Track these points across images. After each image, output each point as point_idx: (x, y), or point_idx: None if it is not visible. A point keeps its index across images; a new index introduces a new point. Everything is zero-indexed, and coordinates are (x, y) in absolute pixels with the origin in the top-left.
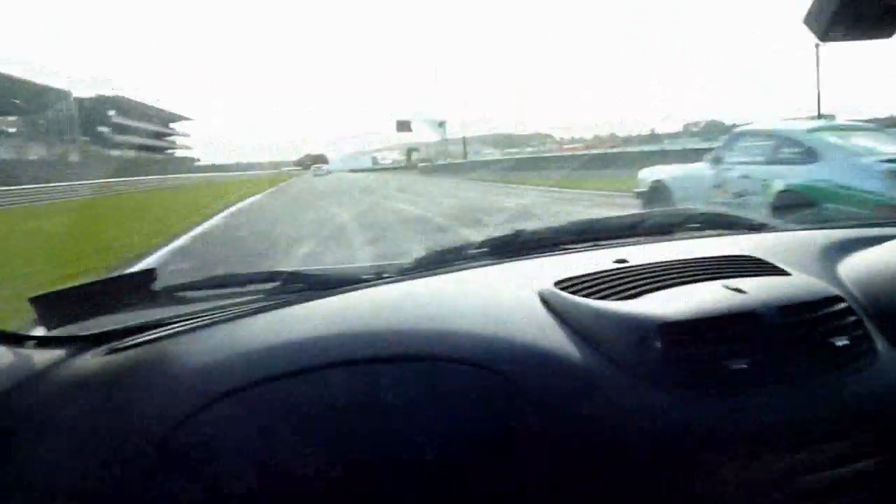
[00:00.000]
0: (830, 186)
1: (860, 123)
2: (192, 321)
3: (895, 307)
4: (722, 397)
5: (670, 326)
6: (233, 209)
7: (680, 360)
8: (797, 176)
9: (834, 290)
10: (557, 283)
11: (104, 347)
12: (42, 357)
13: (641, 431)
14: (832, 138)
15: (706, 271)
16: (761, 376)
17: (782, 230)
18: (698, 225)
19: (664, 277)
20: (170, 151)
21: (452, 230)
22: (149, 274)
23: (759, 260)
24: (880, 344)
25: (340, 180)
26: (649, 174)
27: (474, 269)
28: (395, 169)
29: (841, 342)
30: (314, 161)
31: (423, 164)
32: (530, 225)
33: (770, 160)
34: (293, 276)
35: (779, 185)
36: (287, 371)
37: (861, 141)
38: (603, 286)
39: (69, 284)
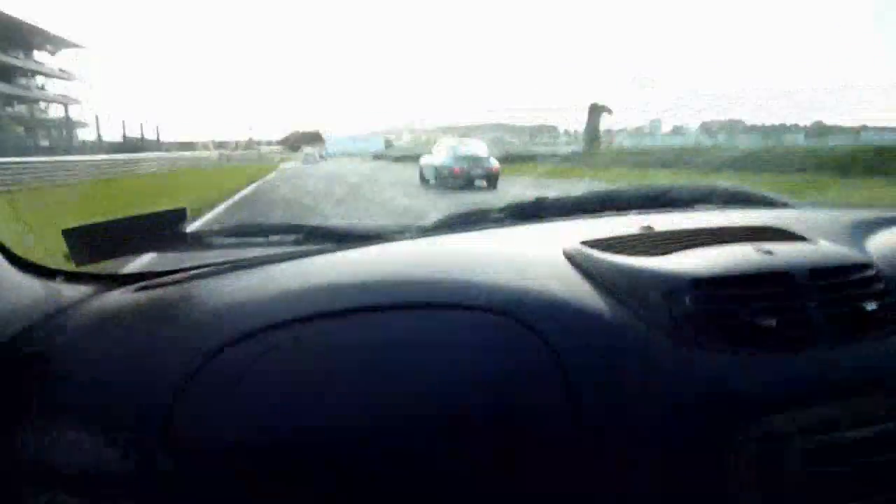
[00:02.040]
0: (443, 164)
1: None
2: (219, 265)
3: None
4: (750, 355)
5: (700, 281)
6: None
7: (709, 316)
8: (438, 160)
9: (862, 257)
10: (584, 243)
11: (133, 286)
12: (71, 292)
13: (668, 386)
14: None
15: (734, 237)
16: (790, 336)
17: (803, 207)
18: (721, 199)
19: (692, 240)
20: (27, 106)
21: None
22: (178, 214)
23: (785, 230)
24: None
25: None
26: (421, 160)
27: (497, 229)
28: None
29: (870, 307)
30: (305, 141)
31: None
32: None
33: (434, 154)
34: (316, 230)
35: (434, 164)
36: (309, 314)
37: (459, 146)
38: (630, 247)
39: (101, 219)
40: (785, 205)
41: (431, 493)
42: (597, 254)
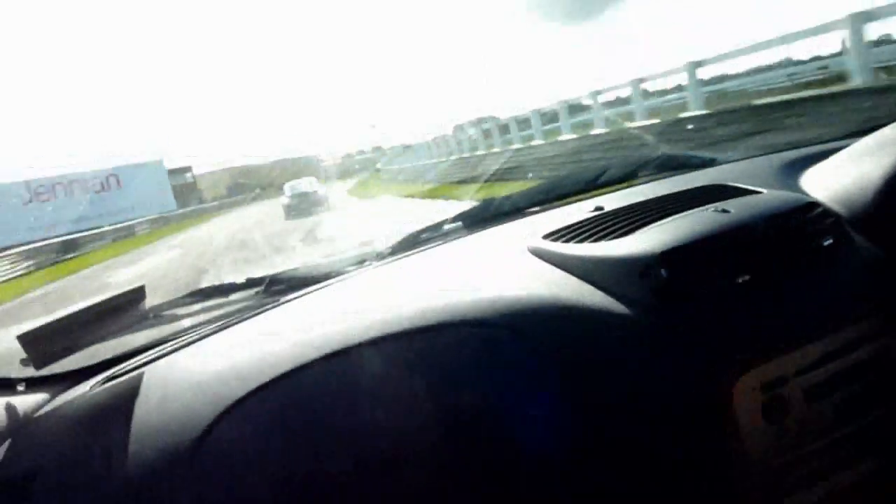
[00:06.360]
0: (287, 202)
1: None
2: (184, 337)
3: (861, 207)
4: (732, 311)
5: (670, 253)
6: None
7: (684, 284)
8: (285, 200)
9: (808, 198)
10: (546, 237)
11: (99, 378)
12: (34, 399)
13: (663, 355)
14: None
15: (685, 203)
16: (764, 286)
17: (733, 160)
18: (655, 168)
19: (647, 214)
20: None
21: None
22: (136, 293)
23: (729, 186)
24: (857, 239)
25: None
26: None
27: (455, 242)
28: None
29: (827, 241)
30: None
31: None
32: (498, 195)
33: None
34: (275, 279)
35: (283, 203)
36: (292, 368)
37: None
38: (591, 231)
39: (54, 316)
40: (713, 161)
41: None
42: (561, 246)
